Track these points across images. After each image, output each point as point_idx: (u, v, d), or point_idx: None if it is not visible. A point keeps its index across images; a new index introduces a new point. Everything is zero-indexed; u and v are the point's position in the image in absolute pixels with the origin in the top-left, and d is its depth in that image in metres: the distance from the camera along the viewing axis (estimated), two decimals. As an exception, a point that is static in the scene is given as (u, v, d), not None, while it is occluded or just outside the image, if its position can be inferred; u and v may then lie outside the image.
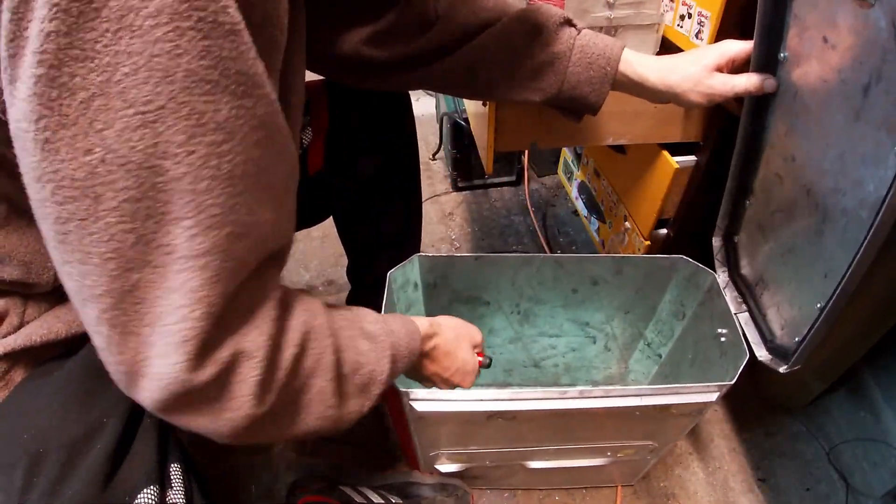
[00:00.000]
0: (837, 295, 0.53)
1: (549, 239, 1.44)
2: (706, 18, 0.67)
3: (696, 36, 0.70)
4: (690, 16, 0.71)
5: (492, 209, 1.56)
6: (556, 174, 1.59)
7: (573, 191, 1.34)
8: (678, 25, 0.74)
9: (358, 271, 0.98)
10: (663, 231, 0.95)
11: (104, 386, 0.45)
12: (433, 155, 1.75)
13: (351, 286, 1.03)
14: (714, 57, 0.62)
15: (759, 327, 0.70)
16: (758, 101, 0.64)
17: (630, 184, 0.99)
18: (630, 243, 1.02)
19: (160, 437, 0.46)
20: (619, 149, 0.98)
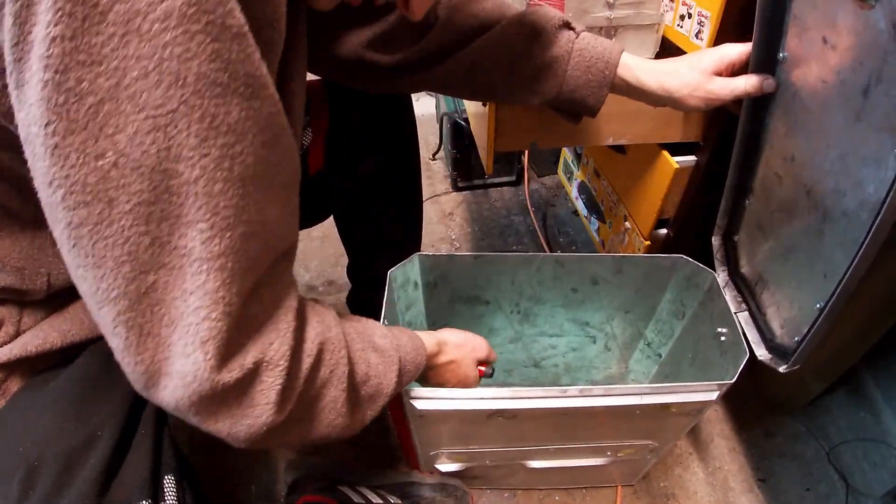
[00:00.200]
0: (837, 295, 0.53)
1: (549, 239, 1.44)
2: (706, 18, 0.68)
3: (696, 36, 0.70)
4: (690, 16, 0.71)
5: (492, 209, 1.56)
6: (556, 174, 1.59)
7: (573, 191, 1.34)
8: (678, 25, 0.74)
9: (358, 270, 0.99)
10: (663, 231, 0.95)
11: (100, 397, 0.46)
12: (433, 155, 1.75)
13: (351, 285, 1.03)
14: (712, 61, 0.62)
15: (759, 327, 0.70)
16: (757, 102, 0.64)
17: (630, 184, 0.99)
18: (630, 243, 1.02)
19: (155, 449, 0.46)
20: (619, 149, 0.98)
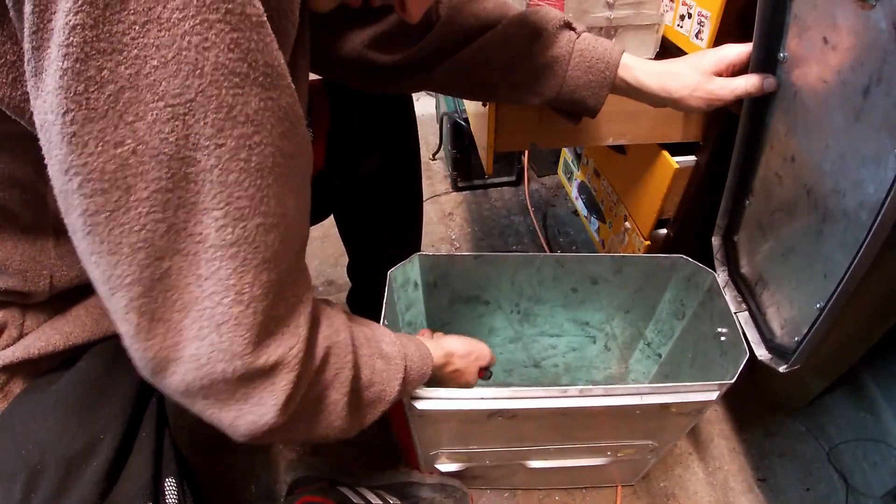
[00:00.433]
0: (837, 295, 0.53)
1: (549, 239, 1.44)
2: (706, 18, 0.68)
3: (696, 36, 0.70)
4: (690, 16, 0.71)
5: (492, 209, 1.56)
6: (556, 174, 1.59)
7: (573, 191, 1.34)
8: (678, 26, 0.74)
9: (358, 270, 0.99)
10: (663, 231, 0.95)
11: (102, 400, 0.46)
12: (433, 155, 1.75)
13: (351, 285, 1.03)
14: (713, 62, 0.62)
15: (759, 327, 0.70)
16: (757, 101, 0.64)
17: (630, 184, 0.99)
18: (630, 243, 1.02)
19: (156, 452, 0.46)
20: (619, 149, 0.98)
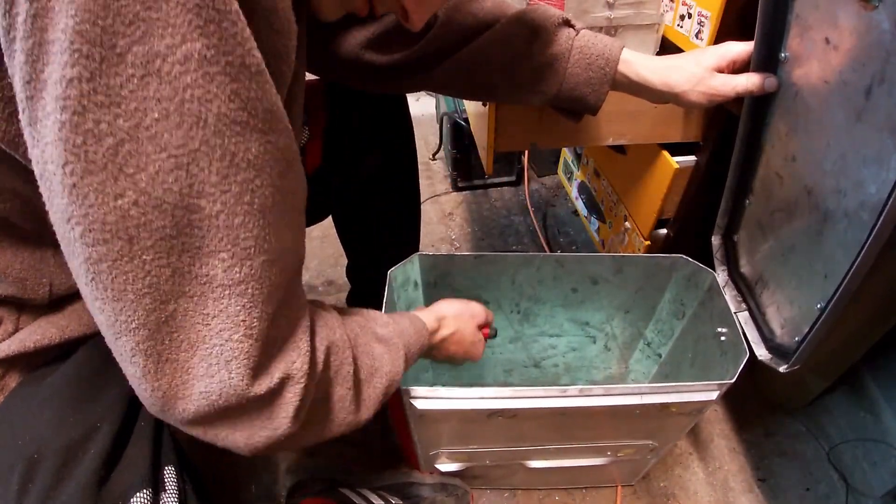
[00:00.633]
0: (838, 296, 0.53)
1: (549, 239, 1.44)
2: (706, 18, 0.67)
3: (696, 36, 0.70)
4: (690, 16, 0.71)
5: (492, 209, 1.56)
6: (556, 174, 1.59)
7: (573, 191, 1.34)
8: (678, 25, 0.74)
9: (357, 271, 0.98)
10: (663, 231, 0.95)
11: (98, 390, 0.46)
12: (433, 155, 1.74)
13: (351, 286, 1.03)
14: (715, 58, 0.62)
15: (759, 326, 0.70)
16: (758, 101, 0.64)
17: (630, 184, 0.99)
18: (630, 243, 1.02)
19: (155, 441, 0.46)
20: (619, 149, 0.98)
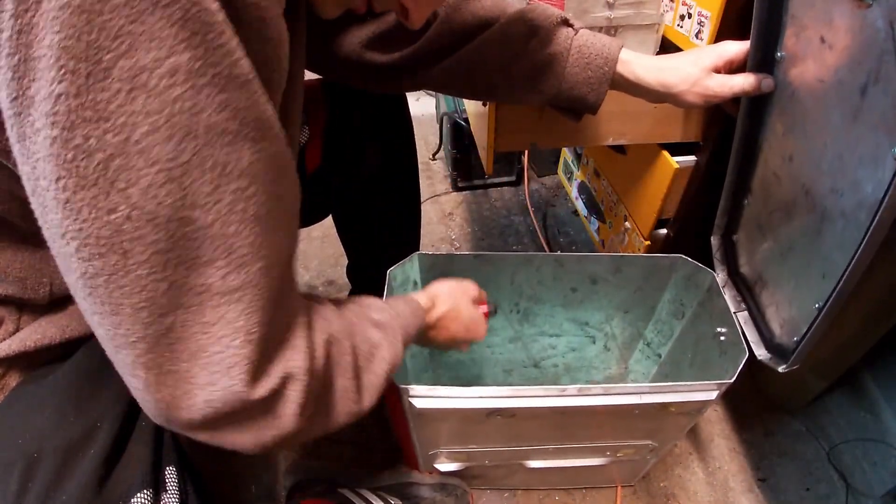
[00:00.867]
0: (835, 296, 0.53)
1: (549, 239, 1.44)
2: (706, 18, 0.68)
3: (696, 36, 0.70)
4: (690, 16, 0.71)
5: (492, 209, 1.56)
6: (556, 174, 1.59)
7: (573, 191, 1.34)
8: (678, 25, 0.74)
9: (358, 270, 0.99)
10: (663, 231, 0.95)
11: (99, 389, 0.45)
12: (433, 155, 1.75)
13: (351, 285, 1.03)
14: (712, 58, 0.62)
15: (759, 326, 0.70)
16: (755, 101, 0.64)
17: (630, 184, 0.99)
18: (630, 243, 1.02)
19: (155, 441, 0.46)
20: (619, 149, 0.98)
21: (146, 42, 0.28)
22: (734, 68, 0.63)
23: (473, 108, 1.02)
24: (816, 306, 0.56)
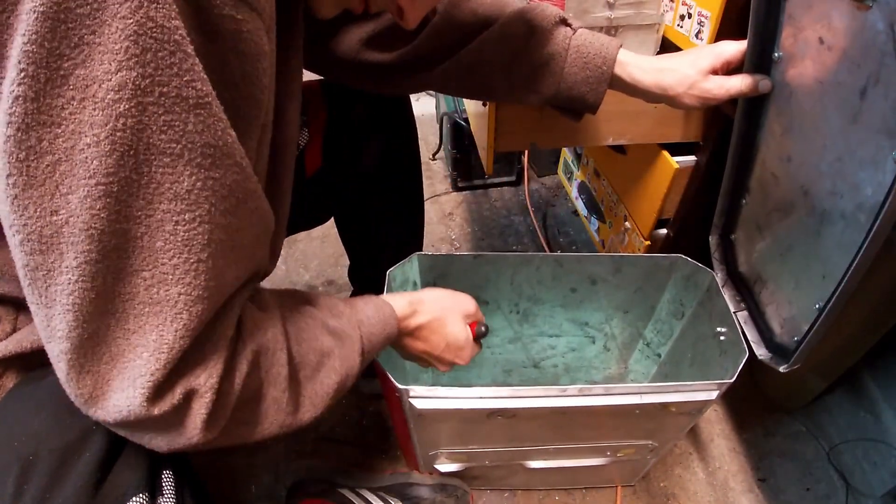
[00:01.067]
0: (836, 297, 0.53)
1: (549, 239, 1.44)
2: (706, 18, 0.68)
3: (696, 36, 0.70)
4: (690, 16, 0.71)
5: (492, 209, 1.56)
6: (556, 174, 1.59)
7: (573, 191, 1.34)
8: (678, 25, 0.74)
9: (359, 271, 0.98)
10: (663, 231, 0.95)
11: None
12: (433, 155, 1.75)
13: (353, 287, 1.03)
14: (709, 59, 0.62)
15: (759, 326, 0.70)
16: (752, 101, 0.64)
17: (630, 184, 0.99)
18: (630, 243, 1.02)
19: None
20: (619, 149, 0.98)
21: (100, 54, 0.28)
22: (732, 69, 0.63)
23: (473, 108, 1.02)
24: (817, 307, 0.56)
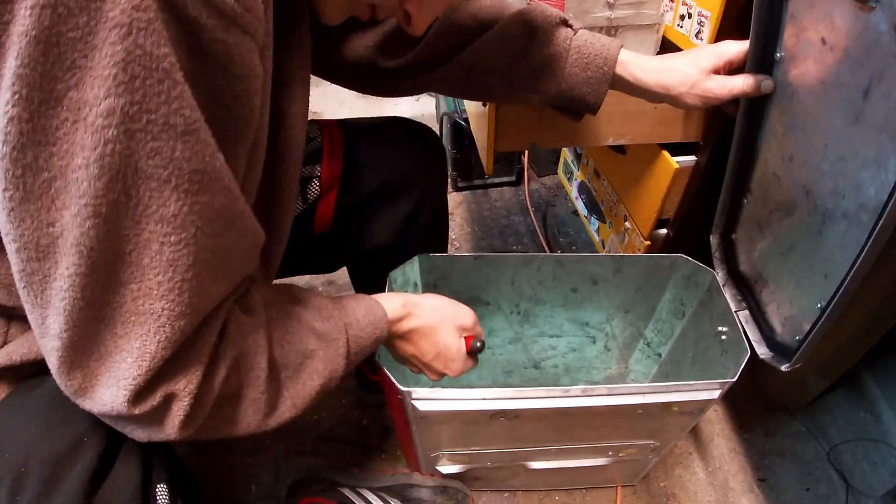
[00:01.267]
0: (839, 297, 0.53)
1: (549, 239, 1.44)
2: (706, 18, 0.68)
3: (696, 36, 0.70)
4: (690, 16, 0.71)
5: (492, 209, 1.56)
6: (556, 174, 1.59)
7: (573, 191, 1.34)
8: (678, 25, 0.74)
9: (360, 272, 0.98)
10: (663, 231, 0.95)
11: None
12: (433, 155, 1.74)
13: (355, 291, 1.02)
14: (711, 59, 0.62)
15: (760, 325, 0.70)
16: (754, 101, 0.64)
17: (630, 184, 0.99)
18: (630, 243, 1.02)
19: (144, 458, 0.46)
20: (619, 149, 0.98)
21: (91, 78, 0.29)
22: (733, 69, 0.63)
23: (473, 108, 1.02)
24: (819, 306, 0.56)
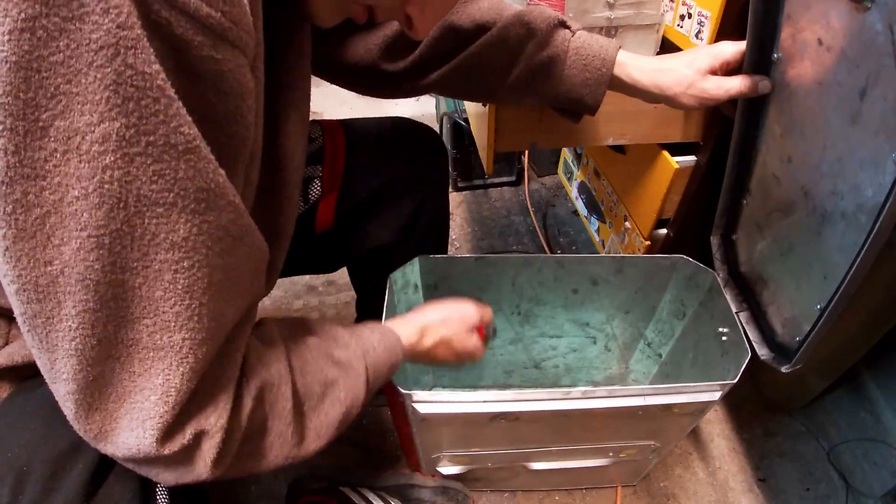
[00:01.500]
0: (838, 298, 0.53)
1: (549, 239, 1.44)
2: (706, 18, 0.68)
3: (696, 36, 0.70)
4: (690, 16, 0.71)
5: (492, 209, 1.56)
6: (556, 174, 1.59)
7: (573, 191, 1.34)
8: (678, 25, 0.74)
9: (360, 273, 0.98)
10: (663, 231, 0.95)
11: None
12: (433, 155, 1.74)
13: (356, 294, 1.02)
14: (707, 59, 0.62)
15: (760, 326, 0.70)
16: (751, 102, 0.64)
17: (630, 184, 0.99)
18: (630, 243, 1.02)
19: None
20: (619, 149, 0.98)
21: (80, 105, 0.27)
22: (731, 69, 0.63)
23: (473, 109, 1.02)
24: (818, 307, 0.56)
